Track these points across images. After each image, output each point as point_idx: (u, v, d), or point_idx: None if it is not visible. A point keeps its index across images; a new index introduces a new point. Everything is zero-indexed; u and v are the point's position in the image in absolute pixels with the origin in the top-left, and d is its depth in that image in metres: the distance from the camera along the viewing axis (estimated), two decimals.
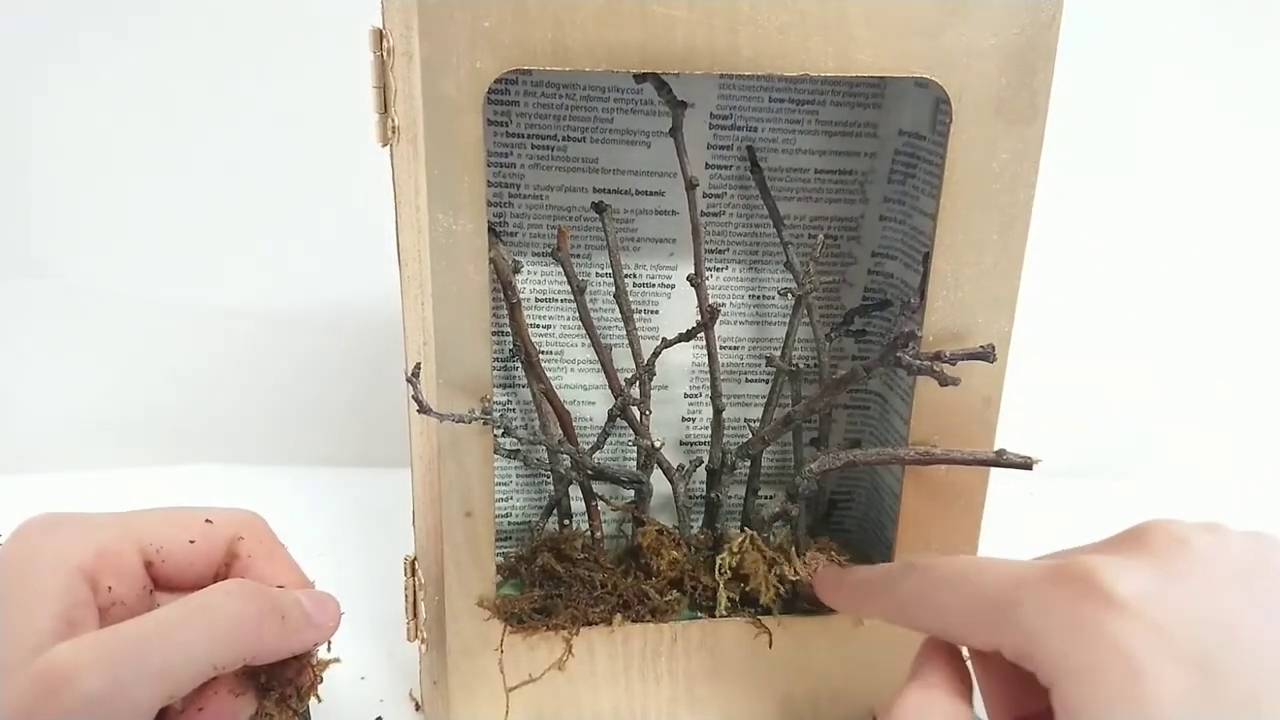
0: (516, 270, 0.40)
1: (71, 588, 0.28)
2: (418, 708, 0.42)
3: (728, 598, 0.39)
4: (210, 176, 0.62)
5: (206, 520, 0.32)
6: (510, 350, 0.42)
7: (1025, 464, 0.33)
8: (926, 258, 0.36)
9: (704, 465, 0.43)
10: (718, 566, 0.39)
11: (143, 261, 0.64)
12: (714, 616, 0.40)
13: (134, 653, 0.26)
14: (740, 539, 0.40)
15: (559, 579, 0.40)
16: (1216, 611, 0.24)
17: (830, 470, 0.38)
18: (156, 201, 0.62)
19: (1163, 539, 0.26)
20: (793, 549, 0.40)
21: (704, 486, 0.43)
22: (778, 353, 0.42)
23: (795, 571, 0.39)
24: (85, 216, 0.63)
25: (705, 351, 0.41)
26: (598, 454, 0.43)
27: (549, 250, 0.40)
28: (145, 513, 0.31)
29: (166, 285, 0.64)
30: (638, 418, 0.40)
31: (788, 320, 0.42)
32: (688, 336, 0.40)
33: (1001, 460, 0.34)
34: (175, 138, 0.61)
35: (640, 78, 0.37)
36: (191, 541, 0.31)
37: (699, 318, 0.39)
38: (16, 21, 0.58)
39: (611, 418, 0.42)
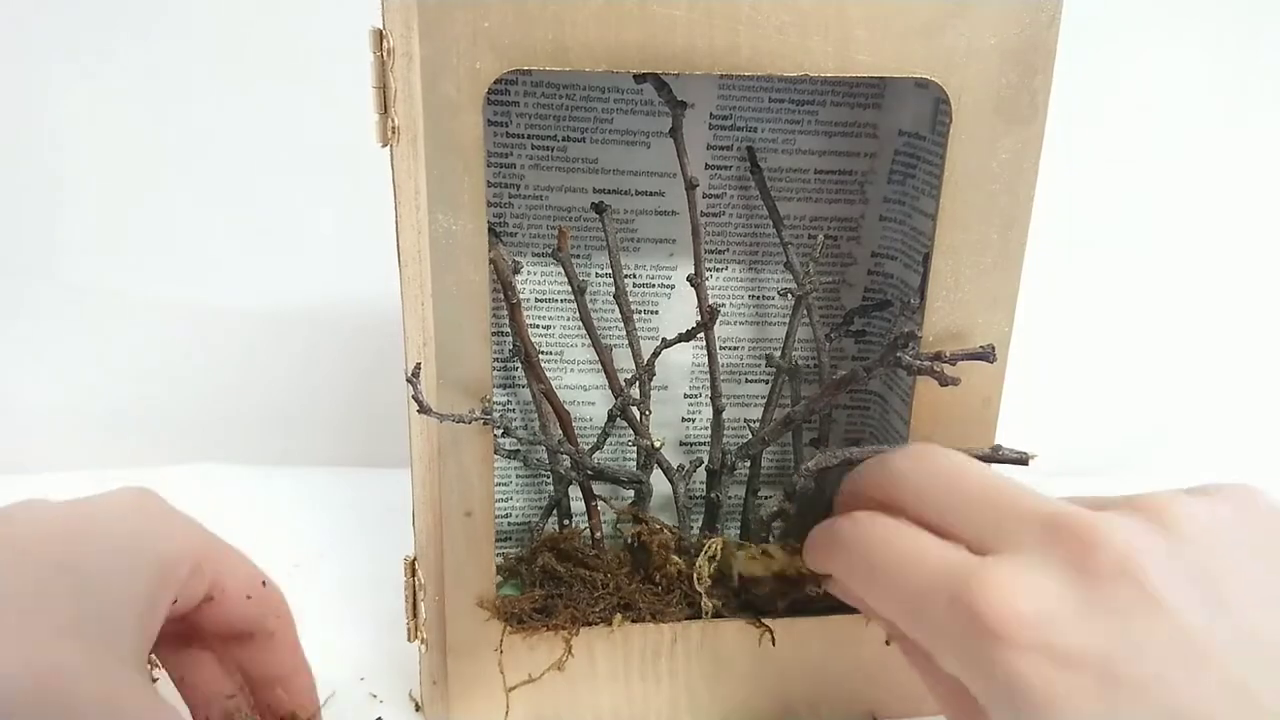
0: (516, 270, 0.40)
1: (161, 602, 0.27)
2: (418, 708, 0.42)
3: (714, 604, 0.39)
4: (211, 176, 0.62)
5: (263, 582, 0.32)
6: (510, 350, 0.42)
7: (1021, 459, 0.33)
8: (926, 258, 0.36)
9: (704, 465, 0.43)
10: (696, 575, 0.39)
11: (143, 261, 0.64)
12: (712, 619, 0.40)
13: None
14: (713, 543, 0.40)
15: (559, 579, 0.40)
16: (1128, 626, 0.23)
17: (827, 468, 0.38)
18: (156, 201, 0.62)
19: (1077, 544, 0.24)
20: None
21: (704, 487, 0.43)
22: (778, 353, 0.42)
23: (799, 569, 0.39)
24: (86, 216, 0.63)
25: (705, 351, 0.41)
26: (597, 454, 0.43)
27: (549, 250, 0.40)
28: (227, 547, 0.31)
29: (166, 285, 0.64)
30: (638, 418, 0.40)
31: (787, 320, 0.42)
32: (688, 337, 0.40)
33: (997, 456, 0.34)
34: (175, 137, 0.61)
35: (640, 78, 0.37)
36: (248, 597, 0.31)
37: (699, 318, 0.39)
38: (18, 22, 0.58)
39: (611, 418, 0.42)
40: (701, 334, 0.40)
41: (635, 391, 0.40)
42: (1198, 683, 0.22)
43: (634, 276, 0.42)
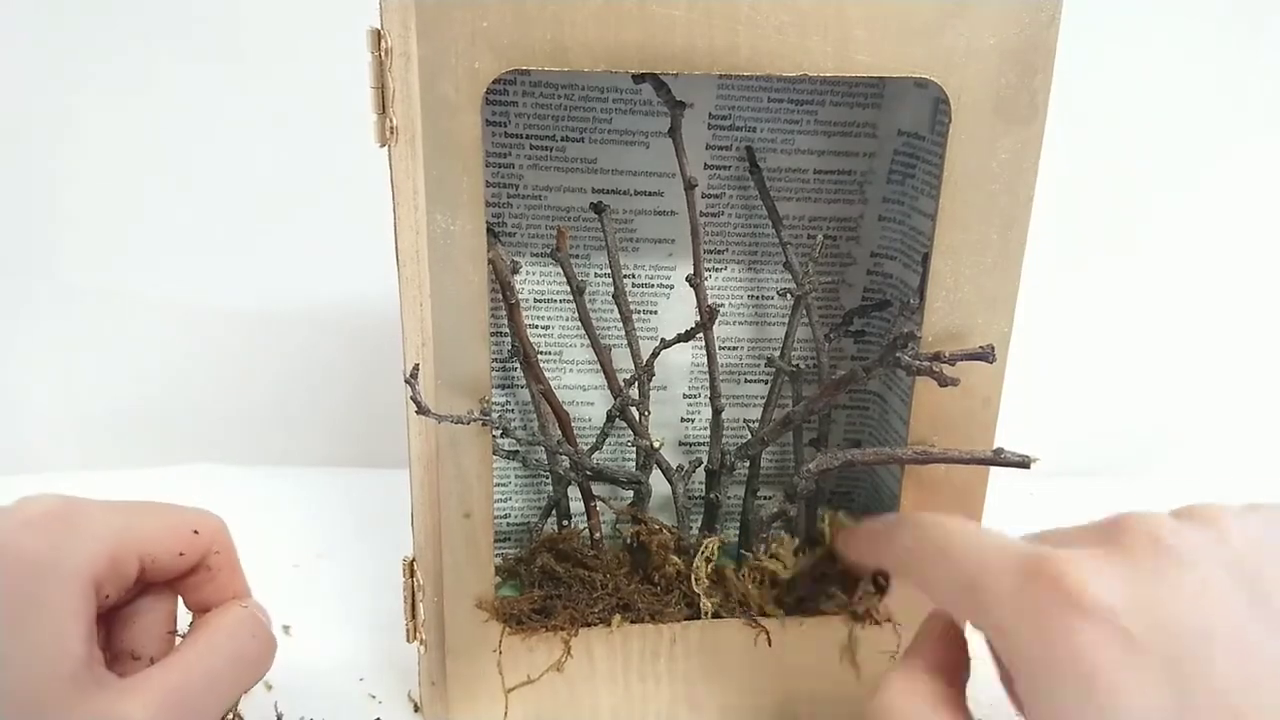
0: (515, 271, 0.40)
1: (89, 601, 0.28)
2: (416, 709, 0.42)
3: (712, 604, 0.39)
4: (210, 177, 0.62)
5: (195, 531, 0.32)
6: (509, 351, 0.42)
7: (1023, 463, 0.33)
8: (926, 258, 0.36)
9: (703, 466, 0.43)
10: (693, 576, 0.39)
11: (142, 262, 0.64)
12: (711, 619, 0.40)
13: (191, 709, 0.28)
14: (710, 542, 0.40)
15: (558, 579, 0.40)
16: (1194, 619, 0.23)
17: (829, 470, 0.38)
18: (156, 201, 0.62)
19: (1143, 540, 0.25)
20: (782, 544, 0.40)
21: (703, 487, 0.43)
22: (777, 353, 0.42)
23: (785, 568, 0.39)
24: (86, 216, 0.63)
25: (704, 352, 0.41)
26: (596, 454, 0.43)
27: (548, 251, 0.40)
28: (145, 516, 0.31)
29: (166, 285, 0.64)
30: (637, 418, 0.40)
31: (787, 321, 0.42)
32: (686, 337, 0.40)
33: (999, 459, 0.34)
34: (175, 137, 0.61)
35: (639, 78, 0.37)
36: (181, 554, 0.31)
37: (698, 318, 0.39)
38: (18, 22, 0.58)
39: (610, 418, 0.42)
40: (701, 334, 0.40)
41: (634, 392, 0.40)
42: (1256, 691, 0.22)
43: (633, 276, 0.42)
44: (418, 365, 0.34)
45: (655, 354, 0.40)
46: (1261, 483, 0.66)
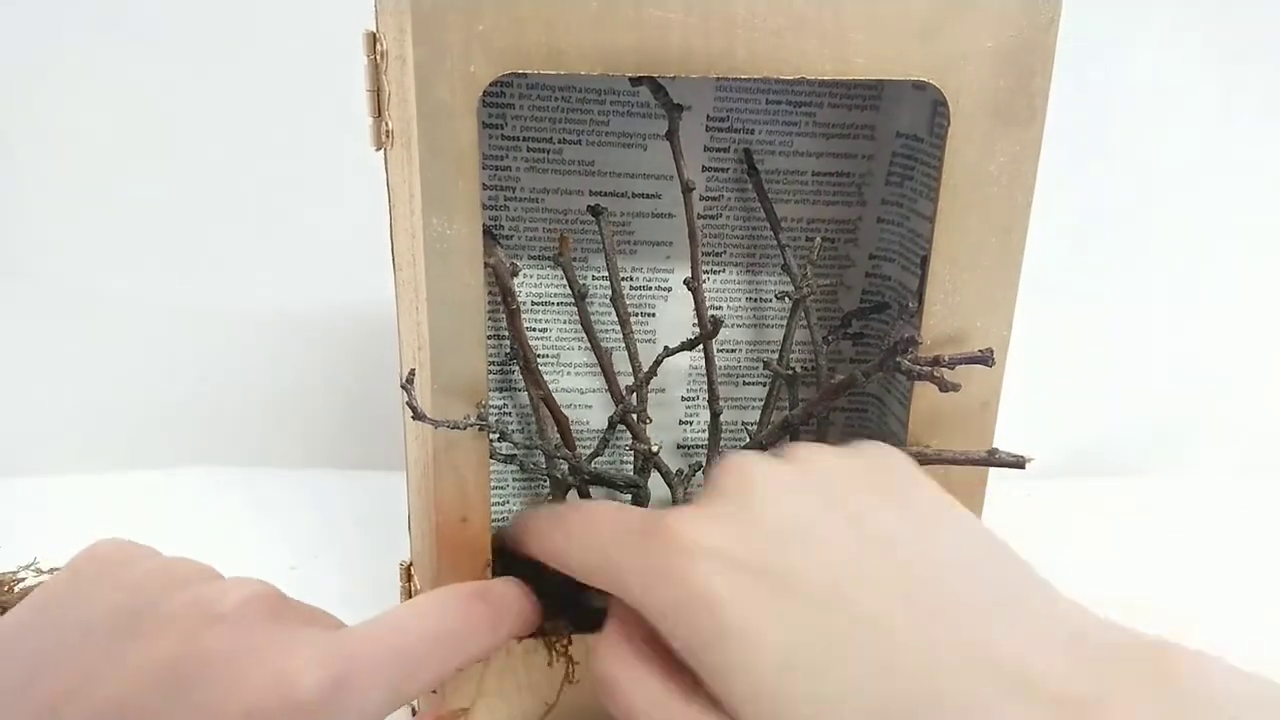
0: (514, 273, 0.40)
1: None
2: (414, 713, 0.42)
3: None
4: (208, 180, 0.62)
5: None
6: (507, 354, 0.42)
7: (1018, 463, 0.33)
8: (924, 261, 0.36)
9: (702, 470, 0.43)
10: None
11: (142, 264, 0.64)
12: None
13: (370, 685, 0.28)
14: None
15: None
16: (786, 526, 0.26)
17: None
18: (156, 204, 0.62)
19: (733, 480, 0.28)
20: None
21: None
22: (775, 356, 0.42)
23: None
24: (85, 217, 0.63)
25: (703, 355, 0.41)
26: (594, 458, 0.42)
27: (545, 254, 0.40)
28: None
29: (166, 288, 0.64)
30: (635, 422, 0.40)
31: (785, 323, 0.42)
32: (690, 346, 0.40)
33: (995, 459, 0.34)
34: (172, 140, 0.61)
35: (636, 81, 0.37)
36: None
37: (698, 326, 0.39)
38: (15, 22, 0.58)
39: (612, 425, 0.42)
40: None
41: (633, 398, 0.40)
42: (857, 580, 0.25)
43: (630, 279, 0.42)
44: (414, 370, 0.34)
45: (658, 362, 0.40)
46: (1261, 482, 0.66)
